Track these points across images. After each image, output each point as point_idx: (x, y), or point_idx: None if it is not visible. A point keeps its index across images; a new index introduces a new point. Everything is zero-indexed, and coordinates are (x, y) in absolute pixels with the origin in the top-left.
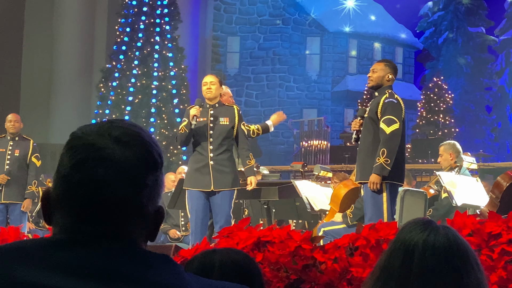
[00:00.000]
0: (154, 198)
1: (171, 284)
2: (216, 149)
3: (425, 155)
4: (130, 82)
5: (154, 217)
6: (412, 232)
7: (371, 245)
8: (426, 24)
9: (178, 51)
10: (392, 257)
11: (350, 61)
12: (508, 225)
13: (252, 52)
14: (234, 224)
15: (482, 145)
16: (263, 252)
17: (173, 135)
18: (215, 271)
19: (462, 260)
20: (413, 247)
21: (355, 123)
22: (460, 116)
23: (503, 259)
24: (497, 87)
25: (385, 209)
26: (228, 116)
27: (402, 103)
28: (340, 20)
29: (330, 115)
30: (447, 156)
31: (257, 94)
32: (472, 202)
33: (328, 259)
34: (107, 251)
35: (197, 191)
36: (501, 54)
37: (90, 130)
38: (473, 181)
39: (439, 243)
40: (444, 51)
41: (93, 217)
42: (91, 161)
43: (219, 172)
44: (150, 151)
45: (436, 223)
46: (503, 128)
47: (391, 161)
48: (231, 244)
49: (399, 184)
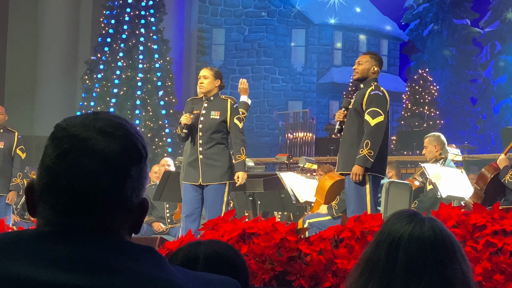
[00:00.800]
0: (138, 190)
1: (156, 275)
2: (205, 143)
3: (410, 147)
4: (115, 74)
5: (138, 209)
6: (398, 224)
7: (356, 237)
8: (411, 16)
9: (163, 43)
10: (377, 249)
11: (335, 53)
12: (492, 217)
13: (237, 44)
14: (219, 216)
15: (467, 137)
16: (248, 244)
17: (158, 127)
18: (199, 263)
19: (447, 253)
20: (399, 239)
21: (339, 114)
22: (445, 108)
23: (487, 250)
24: (482, 79)
25: (368, 201)
26: (220, 109)
27: (388, 96)
28: (325, 12)
29: (315, 107)
30: (432, 148)
31: None
32: (457, 193)
33: (313, 251)
34: (91, 243)
35: (189, 185)
36: (486, 46)
37: (74, 121)
38: (458, 173)
39: (425, 235)
40: (429, 43)
41: (77, 209)
42: (75, 152)
43: (208, 166)
44: (134, 142)
45: (422, 214)
46: (488, 120)
47: (374, 153)
48: (216, 236)
49: (381, 176)
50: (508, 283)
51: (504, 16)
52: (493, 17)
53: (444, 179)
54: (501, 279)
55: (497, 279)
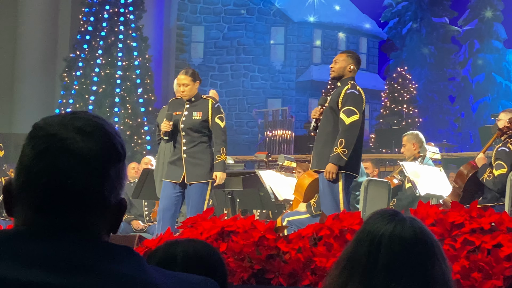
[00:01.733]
0: (117, 190)
1: (134, 276)
2: (188, 142)
3: (389, 145)
4: (94, 71)
5: (116, 209)
6: (379, 223)
7: (334, 235)
8: (390, 14)
9: (142, 41)
10: (358, 248)
11: (314, 51)
12: (470, 215)
13: (216, 42)
14: (198, 214)
15: (445, 135)
16: (227, 242)
17: (137, 124)
18: (177, 263)
19: (428, 252)
20: (380, 238)
21: (315, 111)
22: (424, 106)
23: (465, 248)
24: (461, 77)
25: (341, 199)
26: (202, 110)
27: (364, 95)
28: (304, 10)
29: (294, 105)
30: (410, 146)
31: (221, 84)
32: (435, 192)
33: (292, 249)
34: (69, 242)
35: (170, 183)
36: (464, 45)
37: (52, 120)
38: (437, 171)
39: (406, 234)
40: (408, 41)
41: (54, 208)
42: (53, 152)
43: (192, 165)
44: (113, 142)
45: (402, 213)
46: (466, 118)
47: (348, 151)
48: (195, 234)
49: (354, 175)
50: (486, 281)
51: (482, 15)
52: (471, 15)
53: (422, 177)
54: (479, 277)
55: (475, 277)
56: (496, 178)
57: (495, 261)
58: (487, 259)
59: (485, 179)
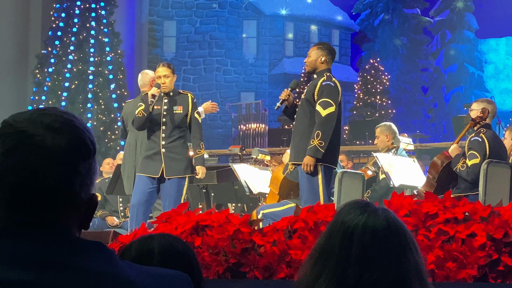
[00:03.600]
0: (87, 186)
1: (105, 271)
2: (168, 137)
3: (363, 137)
4: (66, 67)
5: (87, 205)
6: (351, 214)
7: (309, 228)
8: (361, 6)
9: (114, 36)
10: (331, 239)
11: (287, 44)
12: (444, 205)
13: (188, 36)
14: (172, 208)
15: (418, 125)
16: (202, 236)
17: (110, 120)
18: (155, 257)
19: (400, 242)
20: (353, 229)
21: (284, 93)
22: (397, 97)
23: (439, 239)
24: (433, 68)
25: (321, 192)
26: (182, 104)
27: (339, 87)
28: (276, 3)
29: (267, 98)
30: (383, 137)
31: (194, 78)
32: (409, 182)
33: (267, 242)
34: (40, 239)
35: (146, 177)
36: (436, 35)
37: (21, 117)
38: (410, 162)
39: (378, 225)
40: (380, 33)
41: (24, 205)
42: (22, 149)
43: (171, 160)
44: (82, 138)
45: (374, 204)
46: (439, 109)
47: (325, 143)
48: (170, 229)
49: (333, 166)
50: (460, 271)
51: (454, 5)
52: (443, 6)
53: (396, 168)
54: (453, 267)
55: (449, 267)
56: (470, 168)
57: (469, 250)
58: (461, 248)
59: (459, 169)
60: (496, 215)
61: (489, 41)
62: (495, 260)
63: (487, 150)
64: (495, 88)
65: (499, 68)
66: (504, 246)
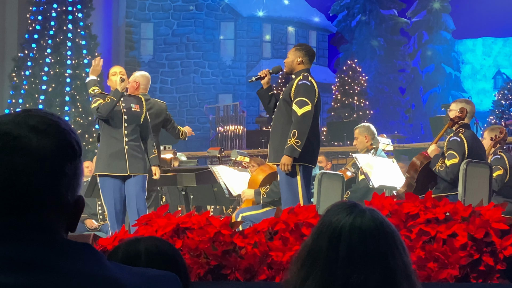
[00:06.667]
0: (74, 188)
1: (94, 273)
2: (130, 135)
3: (341, 138)
4: (43, 70)
5: (74, 207)
6: (339, 215)
7: (290, 229)
8: (339, 7)
9: (91, 39)
10: (318, 241)
11: (264, 46)
12: (425, 205)
13: (166, 38)
14: (153, 211)
15: (396, 126)
16: (183, 238)
17: (88, 123)
18: (142, 260)
19: (388, 243)
20: (340, 230)
21: (264, 71)
22: (375, 98)
23: (421, 239)
24: (410, 68)
25: (300, 192)
26: (138, 104)
27: (316, 86)
28: (253, 4)
29: (245, 100)
30: (362, 138)
31: (172, 81)
32: (389, 183)
33: (248, 244)
34: (28, 242)
35: (112, 178)
36: (413, 36)
37: (6, 119)
38: (389, 162)
39: (366, 226)
40: (357, 34)
41: (11, 207)
42: (8, 150)
43: (134, 157)
44: (68, 139)
45: (361, 205)
46: (416, 110)
47: (301, 142)
48: (150, 232)
49: (312, 166)
50: (441, 271)
51: (430, 6)
52: (420, 6)
53: (375, 169)
54: (434, 267)
55: (430, 267)
56: (449, 168)
57: (450, 250)
58: (443, 248)
59: (438, 169)
60: (477, 215)
61: (466, 41)
62: (477, 260)
63: (466, 150)
64: (472, 88)
65: (476, 69)
66: (485, 246)
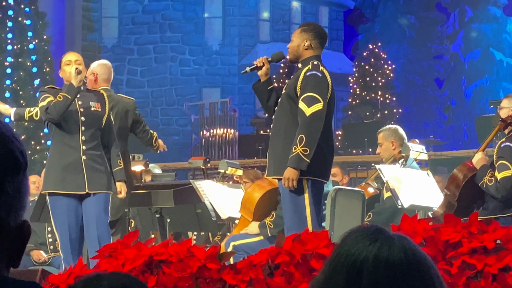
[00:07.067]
0: (16, 210)
1: None
2: (88, 141)
3: (361, 144)
4: None
5: (17, 235)
6: (359, 243)
7: (296, 262)
8: None
9: (38, 18)
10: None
11: (261, 26)
12: (469, 231)
13: (134, 16)
14: (118, 239)
15: (432, 129)
16: (157, 275)
17: (34, 126)
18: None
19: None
20: (361, 263)
21: (260, 59)
22: (404, 93)
23: (464, 274)
24: (450, 54)
25: (308, 214)
26: (99, 101)
27: (329, 78)
28: None
29: (237, 96)
30: (388, 144)
31: (142, 71)
32: (422, 202)
33: (241, 282)
34: None
35: (66, 198)
36: (453, 13)
37: None
38: (423, 176)
39: (394, 258)
40: (381, 10)
41: None
42: None
43: (93, 171)
44: (9, 148)
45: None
46: (458, 107)
47: (311, 151)
48: (115, 266)
49: (324, 181)
50: None
51: None
52: None
53: (405, 184)
54: None
55: None
56: (499, 183)
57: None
58: (493, 286)
59: (486, 184)
60: None
61: None
62: None
63: None
64: None
65: None
66: None
